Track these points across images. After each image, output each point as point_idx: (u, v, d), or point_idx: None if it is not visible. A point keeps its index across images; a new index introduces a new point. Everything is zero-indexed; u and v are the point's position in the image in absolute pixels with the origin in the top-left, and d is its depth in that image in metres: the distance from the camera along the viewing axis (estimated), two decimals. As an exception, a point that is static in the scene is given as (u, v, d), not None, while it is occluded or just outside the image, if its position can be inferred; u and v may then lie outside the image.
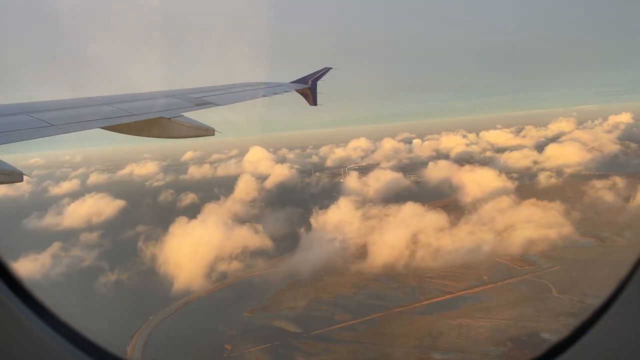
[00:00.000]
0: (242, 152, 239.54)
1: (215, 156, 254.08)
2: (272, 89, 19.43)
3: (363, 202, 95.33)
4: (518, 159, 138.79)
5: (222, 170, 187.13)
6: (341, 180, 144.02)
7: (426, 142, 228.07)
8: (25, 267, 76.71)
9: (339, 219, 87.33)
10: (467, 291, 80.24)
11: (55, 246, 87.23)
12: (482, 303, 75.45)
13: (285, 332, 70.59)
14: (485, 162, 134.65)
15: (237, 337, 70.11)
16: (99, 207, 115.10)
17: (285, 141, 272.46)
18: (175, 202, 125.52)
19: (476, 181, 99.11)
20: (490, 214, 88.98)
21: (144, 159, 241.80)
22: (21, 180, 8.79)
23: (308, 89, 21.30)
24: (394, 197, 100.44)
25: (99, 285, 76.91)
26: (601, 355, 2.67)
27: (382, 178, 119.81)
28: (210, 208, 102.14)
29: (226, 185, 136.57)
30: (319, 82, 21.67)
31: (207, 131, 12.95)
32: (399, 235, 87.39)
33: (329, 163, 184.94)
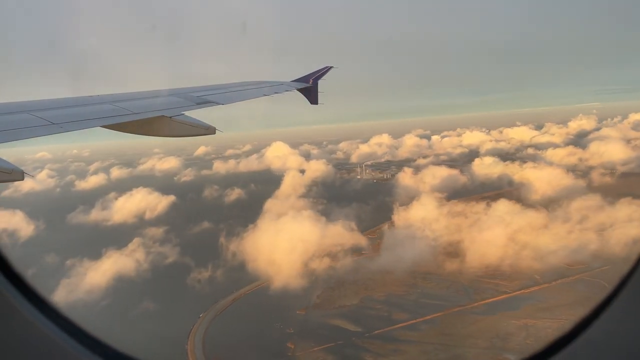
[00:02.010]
0: (256, 147, 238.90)
1: (230, 151, 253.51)
2: (273, 87, 19.29)
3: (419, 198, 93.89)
4: (564, 156, 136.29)
5: (247, 166, 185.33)
6: (359, 177, 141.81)
7: (445, 139, 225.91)
8: (113, 264, 77.00)
9: (418, 216, 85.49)
10: (522, 291, 78.89)
11: (136, 242, 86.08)
12: (542, 303, 74.05)
13: (345, 331, 69.29)
14: (528, 159, 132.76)
15: (297, 336, 68.91)
16: (148, 202, 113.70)
17: (298, 136, 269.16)
18: (223, 197, 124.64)
19: (541, 178, 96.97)
20: (547, 212, 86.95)
21: (154, 154, 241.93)
22: (22, 178, 8.73)
23: (309, 87, 21.17)
24: (454, 194, 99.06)
25: (191, 281, 76.23)
26: (600, 352, 2.67)
27: (438, 174, 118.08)
28: (271, 204, 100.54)
29: (263, 180, 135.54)
30: (320, 81, 21.59)
31: (208, 130, 12.90)
32: (451, 233, 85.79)
33: (354, 159, 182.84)
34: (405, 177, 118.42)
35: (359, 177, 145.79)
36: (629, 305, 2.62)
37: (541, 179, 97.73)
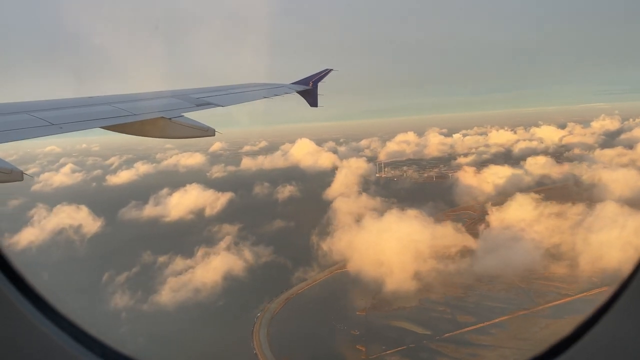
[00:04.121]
0: (273, 144, 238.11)
1: (246, 148, 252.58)
2: (272, 90, 19.30)
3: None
4: (613, 157, 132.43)
5: (273, 162, 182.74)
6: (376, 175, 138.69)
7: (467, 138, 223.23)
8: (221, 262, 77.03)
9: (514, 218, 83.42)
10: (585, 294, 77.08)
11: (227, 240, 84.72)
12: (610, 307, 72.15)
13: (413, 334, 67.79)
14: (577, 159, 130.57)
15: (364, 338, 67.60)
16: (205, 198, 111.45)
17: (308, 134, 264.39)
18: (276, 194, 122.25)
19: (616, 180, 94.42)
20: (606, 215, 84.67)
21: (168, 149, 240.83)
22: (21, 178, 8.79)
23: (309, 90, 21.29)
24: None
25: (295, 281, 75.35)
26: (602, 355, 2.68)
27: (501, 173, 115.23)
28: (341, 202, 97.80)
29: (303, 178, 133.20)
30: (319, 83, 21.70)
31: (207, 131, 13.05)
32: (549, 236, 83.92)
33: (381, 157, 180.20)
34: (467, 176, 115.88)
35: (377, 175, 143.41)
36: (631, 307, 2.61)
37: (617, 180, 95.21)
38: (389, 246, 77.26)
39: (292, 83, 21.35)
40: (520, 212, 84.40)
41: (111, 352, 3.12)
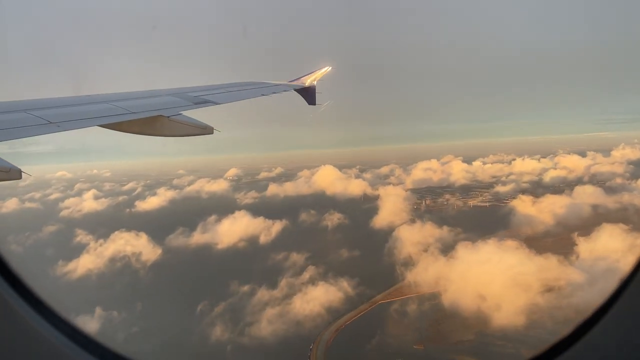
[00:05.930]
0: (288, 171, 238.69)
1: (264, 174, 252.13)
2: (271, 88, 19.18)
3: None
4: None
5: (298, 189, 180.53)
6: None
7: (487, 166, 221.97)
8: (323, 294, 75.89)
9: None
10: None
11: (310, 270, 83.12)
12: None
13: (482, 371, 65.94)
14: (621, 189, 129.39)
15: (430, 375, 65.65)
16: (256, 225, 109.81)
17: (318, 160, 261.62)
18: (322, 222, 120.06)
19: None
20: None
21: (181, 175, 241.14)
22: (20, 177, 8.83)
23: (307, 88, 21.11)
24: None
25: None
26: (602, 355, 2.67)
27: (559, 203, 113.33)
28: (404, 230, 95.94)
29: (336, 205, 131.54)
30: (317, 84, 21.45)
31: (206, 129, 13.05)
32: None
33: (408, 184, 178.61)
34: (524, 205, 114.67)
35: (421, 202, 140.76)
36: (630, 308, 2.61)
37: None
38: (477, 278, 76.14)
39: (290, 81, 21.17)
40: (600, 243, 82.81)
41: (109, 354, 3.13)
